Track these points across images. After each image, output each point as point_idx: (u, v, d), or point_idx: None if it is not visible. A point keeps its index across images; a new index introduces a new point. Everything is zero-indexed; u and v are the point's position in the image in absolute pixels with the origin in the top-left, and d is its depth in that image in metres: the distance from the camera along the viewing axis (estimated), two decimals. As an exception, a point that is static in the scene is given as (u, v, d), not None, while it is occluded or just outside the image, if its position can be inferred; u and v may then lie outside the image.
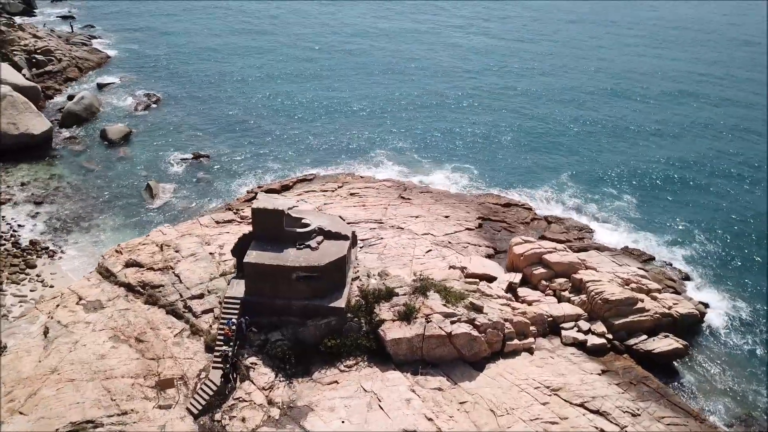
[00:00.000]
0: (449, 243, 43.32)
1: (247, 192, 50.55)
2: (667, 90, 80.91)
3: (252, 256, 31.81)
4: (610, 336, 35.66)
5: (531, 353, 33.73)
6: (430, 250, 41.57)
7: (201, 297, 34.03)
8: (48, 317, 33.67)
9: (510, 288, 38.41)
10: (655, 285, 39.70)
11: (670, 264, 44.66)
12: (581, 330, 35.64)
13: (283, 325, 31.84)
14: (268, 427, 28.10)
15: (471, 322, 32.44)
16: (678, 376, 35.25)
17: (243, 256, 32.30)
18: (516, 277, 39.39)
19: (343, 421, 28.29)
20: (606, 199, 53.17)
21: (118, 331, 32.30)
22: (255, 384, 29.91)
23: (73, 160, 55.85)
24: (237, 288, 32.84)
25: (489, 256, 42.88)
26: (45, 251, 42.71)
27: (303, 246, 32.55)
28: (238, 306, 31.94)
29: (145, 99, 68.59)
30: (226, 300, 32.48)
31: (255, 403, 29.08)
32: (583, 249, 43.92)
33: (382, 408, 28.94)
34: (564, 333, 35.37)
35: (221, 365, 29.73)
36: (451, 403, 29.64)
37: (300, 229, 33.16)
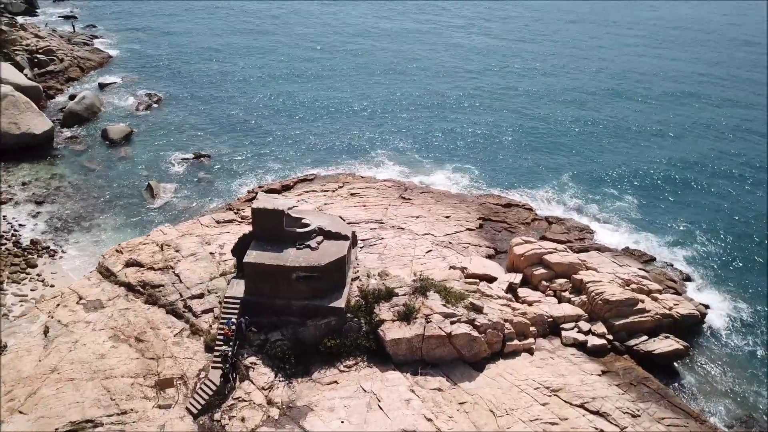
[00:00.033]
0: (450, 243, 43.29)
1: (248, 192, 50.54)
2: (668, 90, 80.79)
3: (252, 256, 31.81)
4: (610, 337, 35.55)
5: (531, 354, 33.66)
6: (430, 250, 41.53)
7: (201, 297, 34.04)
8: (48, 317, 33.70)
9: (510, 288, 38.34)
10: (656, 286, 39.62)
11: (671, 265, 44.57)
12: (581, 331, 35.56)
13: (283, 325, 31.83)
14: (267, 427, 28.08)
15: (471, 322, 32.39)
16: (678, 377, 35.16)
17: (243, 255, 32.30)
18: (516, 278, 39.31)
19: (343, 422, 28.26)
20: (607, 200, 53.09)
21: (118, 331, 32.31)
22: (254, 384, 29.91)
23: (75, 159, 55.90)
24: (237, 288, 32.84)
25: (489, 256, 42.82)
26: (46, 251, 42.74)
27: (303, 246, 32.55)
28: (237, 306, 31.94)
29: (147, 99, 68.65)
30: (225, 300, 32.49)
31: (254, 403, 29.07)
32: (584, 249, 43.86)
33: (381, 408, 28.91)
34: (564, 333, 35.29)
35: (221, 365, 29.74)
36: (451, 404, 29.61)
37: (300, 229, 33.15)
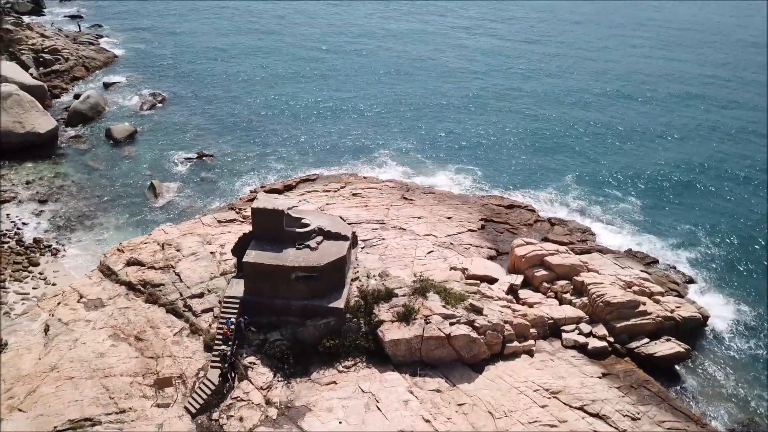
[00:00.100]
0: (451, 244, 43.18)
1: (251, 192, 50.57)
2: (674, 92, 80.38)
3: (251, 255, 31.82)
4: (611, 339, 35.29)
5: (531, 356, 33.51)
6: (431, 251, 41.43)
7: (201, 296, 34.07)
8: (49, 315, 33.81)
9: (511, 290, 38.17)
10: (658, 288, 39.35)
11: (673, 267, 44.32)
12: (582, 333, 35.35)
13: (282, 325, 31.82)
14: (265, 427, 28.07)
15: (470, 323, 32.27)
16: (680, 380, 34.92)
17: (243, 255, 32.32)
18: (517, 279, 39.14)
19: (341, 422, 28.20)
20: (610, 202, 52.85)
21: (117, 330, 32.38)
22: (253, 383, 29.90)
23: (78, 158, 56.08)
24: (236, 287, 32.85)
25: (491, 257, 42.68)
26: (48, 249, 42.90)
27: (302, 246, 32.54)
28: (237, 305, 31.96)
29: (151, 98, 68.84)
30: (225, 299, 32.51)
31: (253, 403, 29.06)
32: (586, 251, 43.64)
33: (379, 409, 28.85)
34: (565, 335, 35.10)
35: (219, 364, 29.75)
36: (450, 405, 29.51)
37: (300, 229, 33.14)
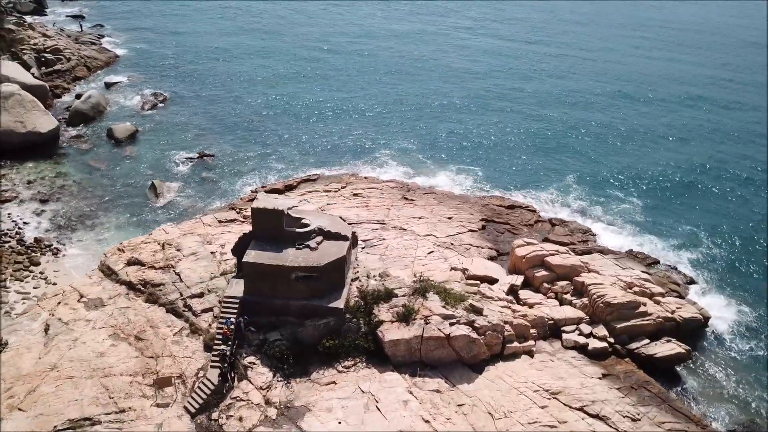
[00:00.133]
0: (452, 244, 43.13)
1: (251, 191, 50.56)
2: (675, 92, 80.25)
3: (251, 255, 31.82)
4: (611, 340, 35.23)
5: (531, 356, 33.46)
6: (432, 251, 41.38)
7: (201, 296, 34.09)
8: (49, 314, 33.82)
9: (511, 290, 38.12)
10: (659, 289, 39.26)
11: (674, 268, 44.23)
12: (582, 333, 35.29)
13: (282, 325, 31.82)
14: (264, 427, 28.07)
15: (470, 324, 32.23)
16: (680, 381, 34.85)
17: (243, 255, 32.32)
18: (518, 280, 39.09)
19: (340, 422, 28.19)
20: (612, 202, 52.75)
21: (117, 329, 32.40)
22: (253, 383, 29.90)
23: (80, 158, 56.08)
24: (236, 287, 32.84)
25: (491, 258, 42.63)
26: (49, 249, 42.91)
27: (302, 246, 32.53)
28: (237, 305, 31.95)
29: (152, 98, 68.86)
30: (225, 299, 32.51)
31: (252, 403, 29.05)
32: (587, 252, 43.58)
33: (379, 409, 28.82)
34: (565, 336, 35.04)
35: (219, 364, 29.74)
36: (449, 406, 29.48)
37: (299, 229, 33.14)
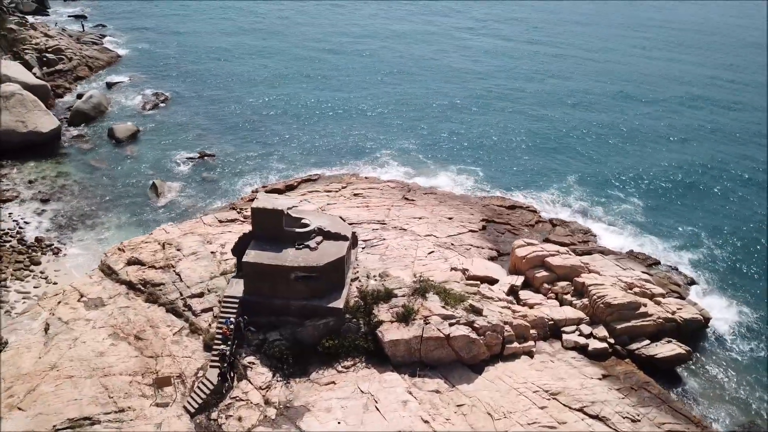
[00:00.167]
0: (452, 245, 43.10)
1: (252, 191, 50.61)
2: (676, 93, 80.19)
3: (251, 255, 31.83)
4: (611, 340, 35.18)
5: (531, 357, 33.42)
6: (432, 251, 41.36)
7: (201, 296, 34.11)
8: (49, 314, 33.86)
9: (512, 291, 38.08)
10: (659, 289, 39.18)
11: (675, 268, 44.15)
12: (583, 334, 35.25)
13: (282, 325, 31.83)
14: (264, 427, 28.07)
15: (470, 324, 32.20)
16: (680, 381, 34.79)
17: (243, 255, 32.32)
18: (518, 280, 39.05)
19: (339, 422, 28.19)
20: (613, 203, 52.67)
21: (117, 329, 32.40)
22: (252, 383, 29.90)
23: (81, 158, 56.16)
24: (236, 287, 32.86)
25: (492, 258, 42.59)
26: (50, 248, 42.96)
27: (302, 246, 32.52)
28: (236, 305, 31.97)
29: (154, 98, 68.95)
30: (224, 299, 32.53)
31: (252, 403, 29.06)
32: (587, 252, 43.51)
33: (378, 409, 28.81)
34: (565, 337, 35.00)
35: (218, 364, 29.74)
36: (449, 406, 29.45)
37: (299, 229, 33.14)
